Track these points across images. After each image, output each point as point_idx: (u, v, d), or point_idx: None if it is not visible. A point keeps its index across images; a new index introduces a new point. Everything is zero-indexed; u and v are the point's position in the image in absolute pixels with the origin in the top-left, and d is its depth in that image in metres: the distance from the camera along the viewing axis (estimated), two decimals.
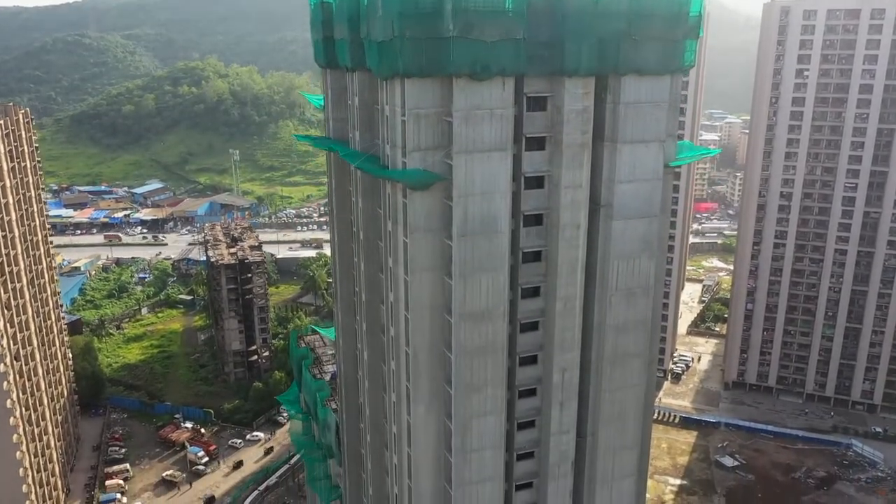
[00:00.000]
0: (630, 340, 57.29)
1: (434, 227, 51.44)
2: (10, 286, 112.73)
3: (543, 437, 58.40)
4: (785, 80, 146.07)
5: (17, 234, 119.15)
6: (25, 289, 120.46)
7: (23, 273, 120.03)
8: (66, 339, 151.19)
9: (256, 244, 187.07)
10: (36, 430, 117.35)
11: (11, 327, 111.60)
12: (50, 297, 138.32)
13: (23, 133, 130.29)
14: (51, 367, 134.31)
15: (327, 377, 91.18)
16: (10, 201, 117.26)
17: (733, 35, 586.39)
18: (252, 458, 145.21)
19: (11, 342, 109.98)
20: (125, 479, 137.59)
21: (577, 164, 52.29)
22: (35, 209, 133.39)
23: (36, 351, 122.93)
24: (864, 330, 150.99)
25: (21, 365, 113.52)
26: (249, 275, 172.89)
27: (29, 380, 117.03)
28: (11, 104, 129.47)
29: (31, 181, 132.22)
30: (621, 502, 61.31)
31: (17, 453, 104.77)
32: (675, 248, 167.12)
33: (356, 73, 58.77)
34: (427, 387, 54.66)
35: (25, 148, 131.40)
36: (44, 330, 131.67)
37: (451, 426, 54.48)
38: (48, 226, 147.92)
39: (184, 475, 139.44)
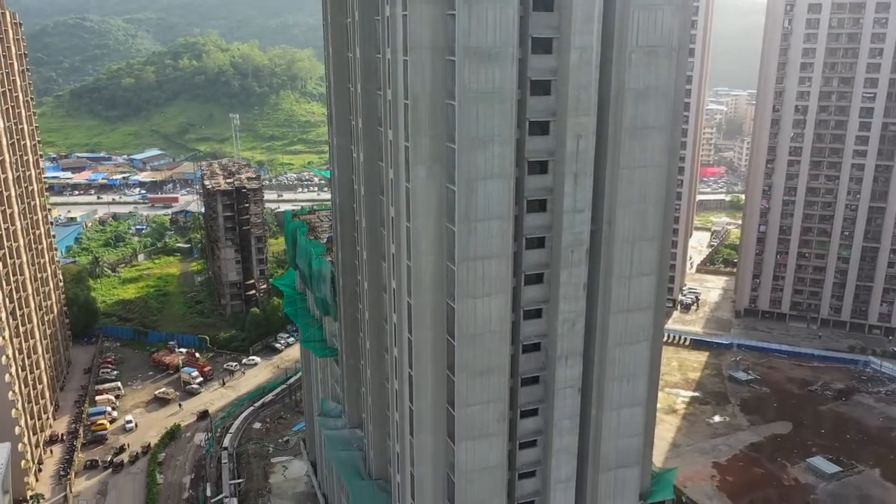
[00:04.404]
0: (651, 109, 52.23)
1: None
2: None
3: (556, 220, 53.29)
4: None
5: (3, 142, 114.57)
6: (15, 210, 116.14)
7: (12, 189, 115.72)
8: (55, 257, 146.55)
9: (254, 176, 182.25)
10: (22, 329, 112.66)
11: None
12: (39, 210, 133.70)
13: (9, 31, 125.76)
14: (40, 276, 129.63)
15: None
16: None
17: (737, 20, 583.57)
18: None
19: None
20: (116, 397, 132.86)
21: None
22: (24, 115, 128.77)
23: (23, 251, 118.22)
24: (881, 250, 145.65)
25: (8, 259, 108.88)
26: (246, 204, 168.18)
27: (14, 274, 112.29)
28: None
29: (18, 84, 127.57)
30: (640, 301, 56.16)
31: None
32: (683, 196, 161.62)
33: None
34: (428, 145, 49.61)
35: (13, 48, 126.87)
36: (31, 235, 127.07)
37: (455, 189, 49.45)
38: (39, 143, 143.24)
39: (177, 394, 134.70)
